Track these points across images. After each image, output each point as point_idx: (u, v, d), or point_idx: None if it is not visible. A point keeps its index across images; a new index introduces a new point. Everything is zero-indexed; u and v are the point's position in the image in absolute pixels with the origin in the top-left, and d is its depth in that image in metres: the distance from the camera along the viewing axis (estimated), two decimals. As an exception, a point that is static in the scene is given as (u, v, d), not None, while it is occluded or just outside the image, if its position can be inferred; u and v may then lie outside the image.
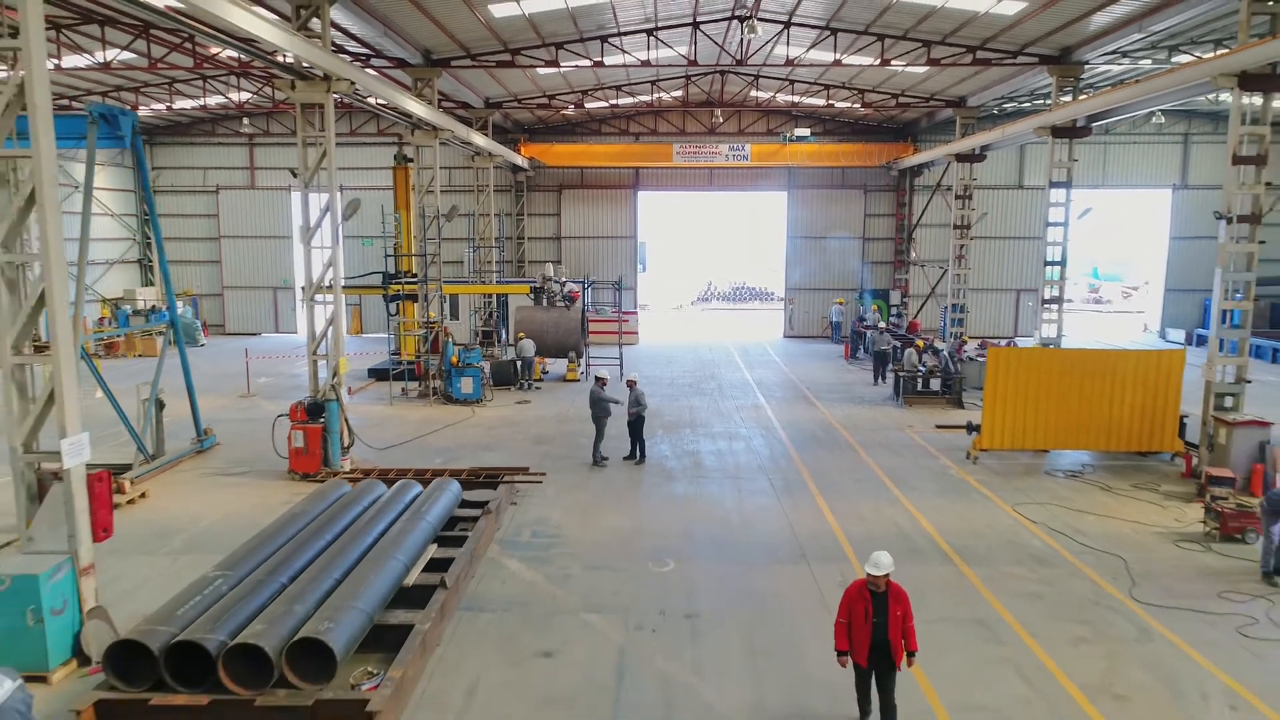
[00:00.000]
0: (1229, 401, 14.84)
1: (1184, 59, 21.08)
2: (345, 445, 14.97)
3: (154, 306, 33.71)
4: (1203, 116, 33.46)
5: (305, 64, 14.21)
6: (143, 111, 29.51)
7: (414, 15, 18.13)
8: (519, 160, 31.39)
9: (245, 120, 32.40)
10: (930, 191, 32.67)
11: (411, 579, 9.34)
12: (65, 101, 28.24)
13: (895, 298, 33.93)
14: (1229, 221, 14.61)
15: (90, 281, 33.20)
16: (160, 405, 15.45)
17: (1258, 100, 14.37)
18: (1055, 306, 21.68)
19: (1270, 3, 14.13)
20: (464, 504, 12.39)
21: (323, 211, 15.44)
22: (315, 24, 14.65)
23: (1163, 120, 32.40)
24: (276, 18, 15.14)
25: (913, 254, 33.98)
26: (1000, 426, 15.88)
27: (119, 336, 30.00)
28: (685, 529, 12.43)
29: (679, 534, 12.22)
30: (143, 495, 13.72)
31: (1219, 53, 17.14)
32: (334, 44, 17.55)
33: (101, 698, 7.15)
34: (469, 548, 10.61)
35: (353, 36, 19.85)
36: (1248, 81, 14.06)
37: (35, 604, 7.89)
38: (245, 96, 28.16)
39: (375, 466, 15.02)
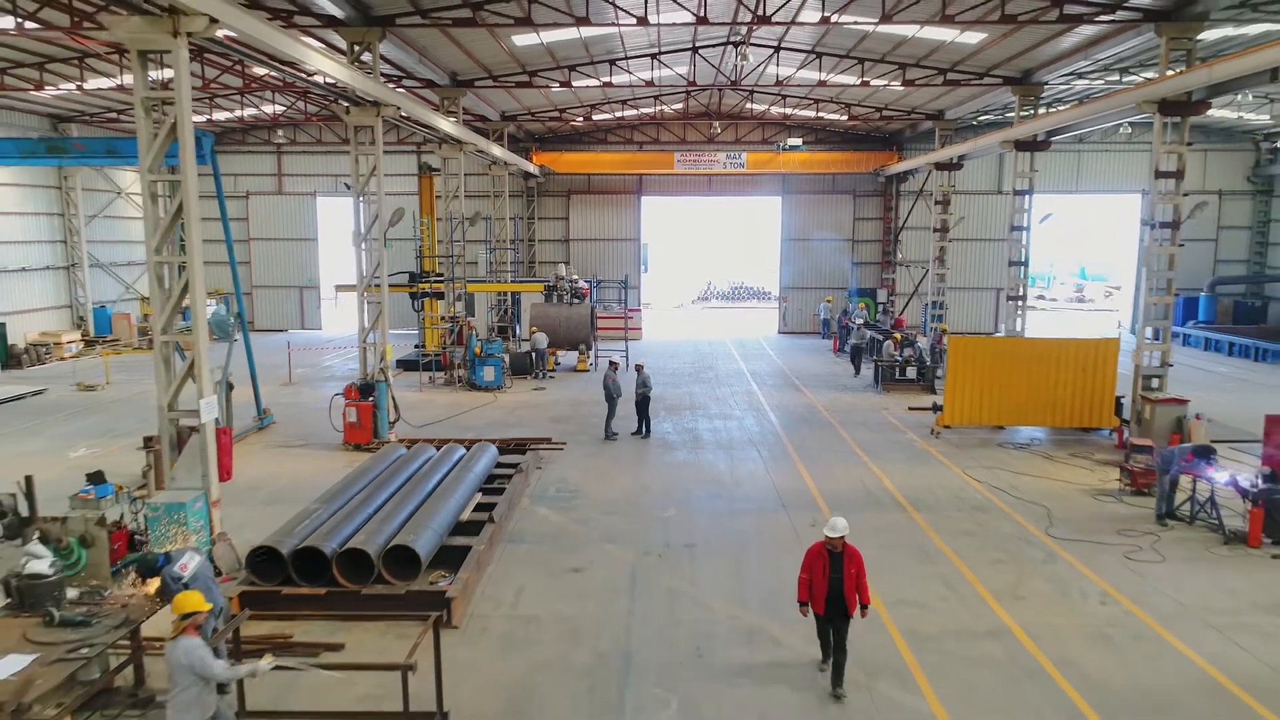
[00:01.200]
0: (1155, 383, 17.19)
1: (1135, 79, 23.48)
2: (392, 420, 17.35)
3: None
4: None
5: (359, 93, 16.52)
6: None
7: (447, 45, 20.57)
8: (531, 168, 33.75)
9: (279, 132, 34.73)
10: (914, 197, 35.02)
11: (465, 515, 11.70)
12: (114, 115, 30.68)
13: (882, 296, 36.28)
14: (1152, 227, 16.97)
15: (132, 280, 35.62)
16: (230, 387, 17.78)
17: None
18: (1020, 302, 24.04)
19: (1185, 40, 16.54)
20: (499, 465, 14.73)
21: (372, 219, 17.70)
22: (366, 56, 17.02)
23: (1130, 130, 34.70)
24: (329, 49, 17.49)
25: (899, 255, 36.34)
26: (960, 406, 18.22)
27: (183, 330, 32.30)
28: (684, 487, 14.79)
29: (679, 490, 14.57)
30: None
31: (1141, 80, 19.67)
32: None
33: (245, 590, 9.50)
34: (507, 496, 12.97)
35: (388, 60, 22.18)
36: (1167, 107, 16.38)
37: (183, 525, 10.23)
38: (279, 109, 30.54)
39: (419, 439, 17.38)
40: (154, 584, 7.80)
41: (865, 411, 21.05)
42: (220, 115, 31.78)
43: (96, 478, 11.01)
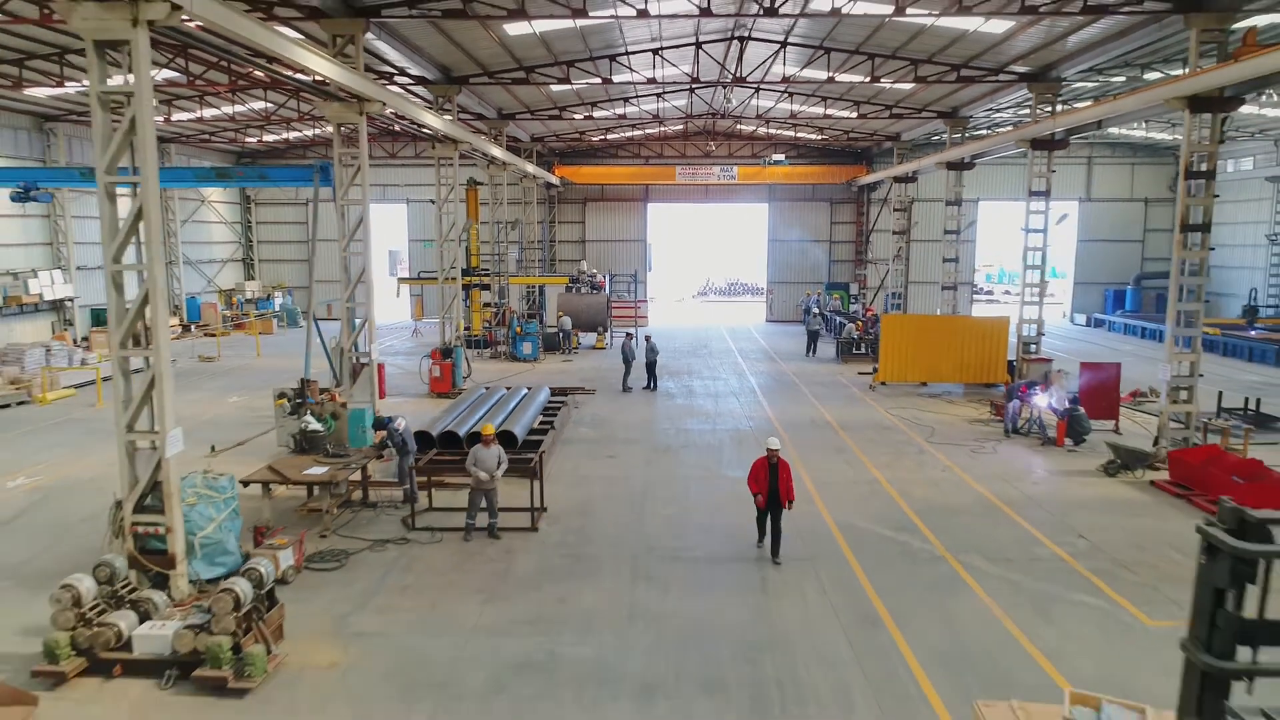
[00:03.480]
0: (1032, 348, 23.11)
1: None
2: (465, 375, 23.30)
3: (258, 296, 42.22)
4: (1101, 145, 41.69)
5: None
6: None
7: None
8: (554, 179, 39.74)
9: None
10: (881, 204, 40.96)
11: (535, 423, 17.65)
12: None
13: (854, 289, 42.21)
14: (1052, 224, 22.86)
15: (213, 275, 41.70)
16: (341, 351, 23.70)
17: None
18: (954, 291, 29.98)
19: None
20: (550, 403, 20.66)
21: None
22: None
23: (1069, 145, 40.53)
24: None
25: (869, 254, 42.27)
26: (891, 367, 24.13)
27: (259, 317, 38.42)
28: (680, 418, 20.72)
29: (677, 420, 20.52)
30: (344, 405, 21.96)
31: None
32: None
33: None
34: (560, 419, 18.92)
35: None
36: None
37: (362, 423, 16.18)
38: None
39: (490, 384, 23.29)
40: (380, 434, 13.80)
41: (824, 376, 26.99)
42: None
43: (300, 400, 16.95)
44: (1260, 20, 17.55)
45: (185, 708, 8.01)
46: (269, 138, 37.70)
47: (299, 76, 16.26)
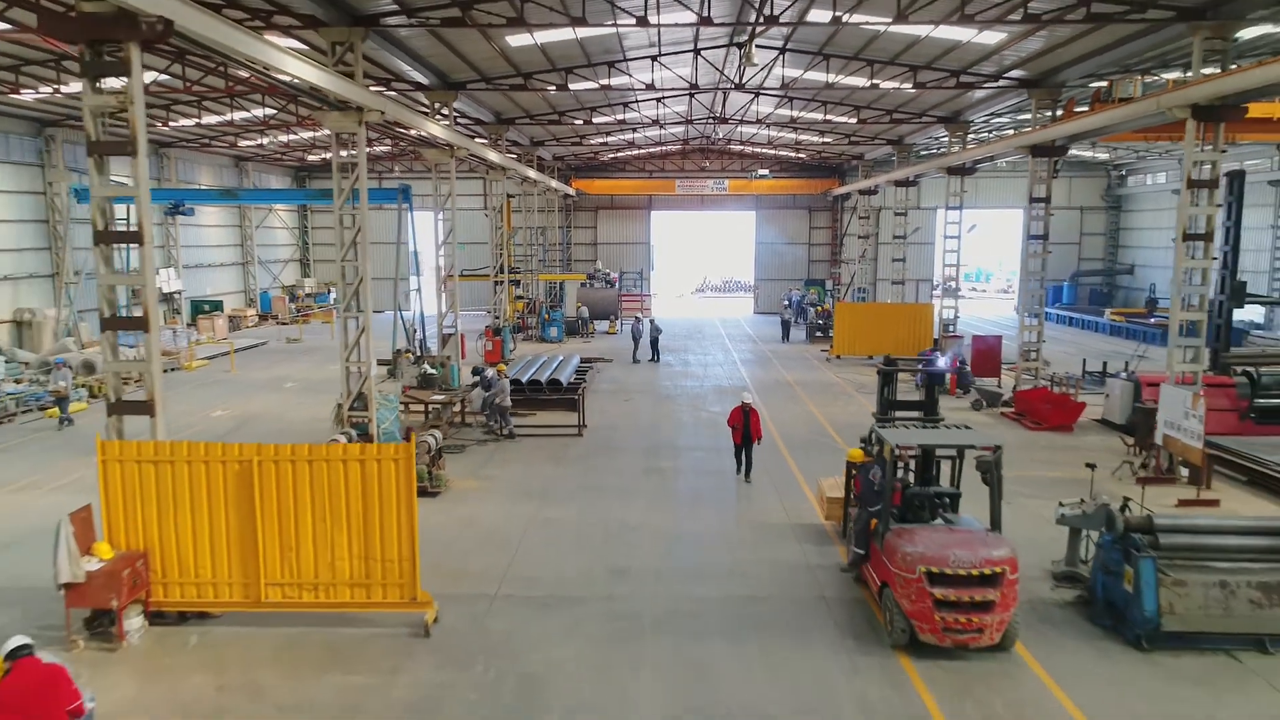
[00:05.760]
0: (950, 327, 29.79)
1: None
2: (512, 349, 30.03)
3: (316, 291, 48.95)
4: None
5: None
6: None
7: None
8: (570, 191, 46.47)
9: (394, 168, 47.44)
10: (850, 212, 47.66)
11: (572, 378, 24.37)
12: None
13: (829, 285, 48.89)
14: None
15: (278, 273, 48.45)
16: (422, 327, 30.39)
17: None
18: (902, 285, 36.63)
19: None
20: (579, 368, 27.35)
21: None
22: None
23: (1016, 160, 47.17)
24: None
25: (843, 255, 48.96)
26: (843, 343, 30.81)
27: (321, 309, 45.22)
28: (678, 380, 27.42)
29: (675, 380, 27.22)
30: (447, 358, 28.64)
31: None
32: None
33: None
34: (589, 377, 25.62)
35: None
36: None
37: (455, 371, 22.81)
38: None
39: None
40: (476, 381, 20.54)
41: (793, 353, 33.71)
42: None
43: (427, 376, 23.63)
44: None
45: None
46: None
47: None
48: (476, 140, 27.56)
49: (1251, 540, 9.91)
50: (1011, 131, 33.03)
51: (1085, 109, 21.36)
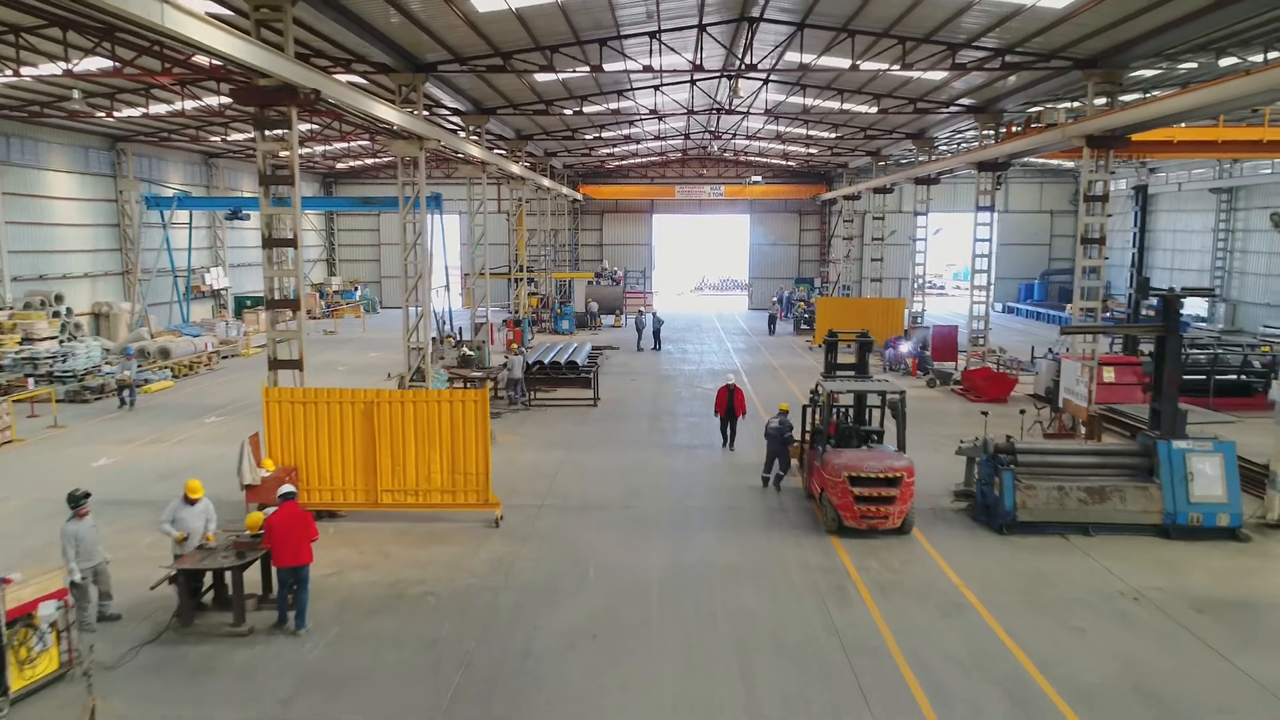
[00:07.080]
0: (918, 319, 33.72)
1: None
2: (530, 339, 33.99)
3: (342, 288, 52.88)
4: (1016, 167, 52.18)
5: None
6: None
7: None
8: (578, 196, 50.42)
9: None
10: (837, 215, 51.60)
11: (586, 360, 28.33)
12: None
13: (817, 283, 52.83)
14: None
15: (307, 272, 52.37)
16: (450, 318, 34.32)
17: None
18: (879, 281, 40.58)
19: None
20: (590, 354, 31.28)
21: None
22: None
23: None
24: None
25: (831, 255, 52.90)
26: (824, 332, 34.62)
27: (349, 305, 49.14)
28: (677, 365, 31.39)
29: (674, 365, 31.18)
30: (482, 343, 32.60)
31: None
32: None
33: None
34: (599, 361, 29.57)
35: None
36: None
37: (489, 353, 26.75)
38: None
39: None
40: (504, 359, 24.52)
41: (780, 343, 37.67)
42: (160, 109, 27.76)
43: (464, 358, 27.56)
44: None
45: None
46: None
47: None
48: (495, 152, 31.50)
49: (1081, 459, 13.91)
50: (967, 149, 36.92)
51: (1020, 130, 25.33)
